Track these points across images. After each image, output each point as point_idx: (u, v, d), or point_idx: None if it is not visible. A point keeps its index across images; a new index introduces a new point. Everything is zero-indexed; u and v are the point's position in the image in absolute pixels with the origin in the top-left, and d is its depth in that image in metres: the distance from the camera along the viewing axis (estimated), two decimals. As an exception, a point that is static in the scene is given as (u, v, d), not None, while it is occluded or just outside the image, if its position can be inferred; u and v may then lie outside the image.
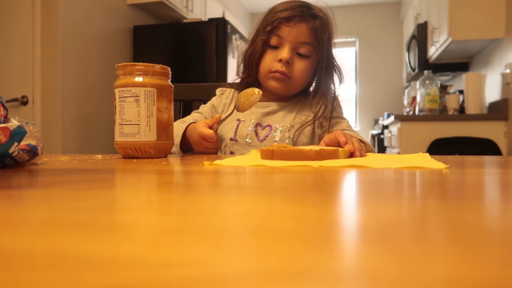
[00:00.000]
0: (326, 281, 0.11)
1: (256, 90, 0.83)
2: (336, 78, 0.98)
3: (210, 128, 0.84)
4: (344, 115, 1.00)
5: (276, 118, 0.95)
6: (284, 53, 0.90)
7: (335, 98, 0.98)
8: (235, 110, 0.85)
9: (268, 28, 0.91)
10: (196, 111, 1.04)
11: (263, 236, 0.15)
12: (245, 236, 0.15)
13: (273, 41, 0.91)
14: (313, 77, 0.97)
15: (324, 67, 0.94)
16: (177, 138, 0.89)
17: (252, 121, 0.95)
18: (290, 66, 0.91)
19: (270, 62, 0.92)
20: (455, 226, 0.17)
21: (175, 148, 0.90)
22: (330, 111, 0.94)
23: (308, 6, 0.93)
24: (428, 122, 2.47)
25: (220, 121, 0.86)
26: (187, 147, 0.92)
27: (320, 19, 0.92)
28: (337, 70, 0.98)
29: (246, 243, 0.14)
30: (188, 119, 1.00)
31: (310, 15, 0.91)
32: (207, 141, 0.83)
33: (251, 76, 0.97)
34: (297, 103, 0.98)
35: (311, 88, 1.00)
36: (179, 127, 0.93)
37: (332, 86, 0.97)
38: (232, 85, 1.05)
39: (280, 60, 0.90)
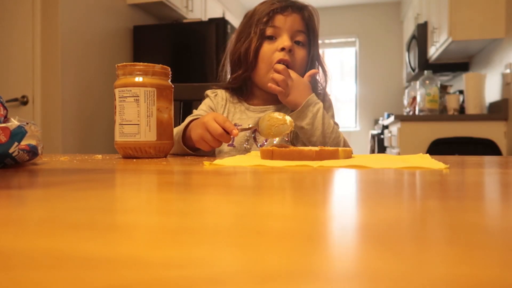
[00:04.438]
0: (326, 281, 0.11)
1: (287, 118, 0.73)
2: (322, 74, 0.97)
3: (225, 130, 0.72)
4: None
5: None
6: (286, 41, 0.88)
7: (325, 95, 0.96)
8: (255, 128, 0.76)
9: (265, 19, 0.89)
10: (192, 116, 0.93)
11: (263, 236, 0.15)
12: (245, 236, 0.15)
13: (269, 31, 0.90)
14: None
15: (311, 58, 0.93)
16: (178, 135, 0.82)
17: (250, 126, 0.93)
18: (292, 55, 0.90)
19: (271, 53, 0.89)
20: (455, 226, 0.17)
21: (177, 147, 0.83)
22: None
23: (293, 0, 0.93)
24: (428, 122, 2.47)
25: (241, 130, 0.76)
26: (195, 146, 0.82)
27: (308, 10, 0.93)
28: (322, 65, 0.97)
29: (246, 243, 0.14)
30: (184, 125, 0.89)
31: (299, 6, 0.92)
32: (209, 134, 0.73)
33: (248, 71, 0.93)
34: None
35: None
36: (178, 128, 0.86)
37: (318, 79, 0.96)
38: (220, 86, 1.01)
39: (283, 49, 0.88)
